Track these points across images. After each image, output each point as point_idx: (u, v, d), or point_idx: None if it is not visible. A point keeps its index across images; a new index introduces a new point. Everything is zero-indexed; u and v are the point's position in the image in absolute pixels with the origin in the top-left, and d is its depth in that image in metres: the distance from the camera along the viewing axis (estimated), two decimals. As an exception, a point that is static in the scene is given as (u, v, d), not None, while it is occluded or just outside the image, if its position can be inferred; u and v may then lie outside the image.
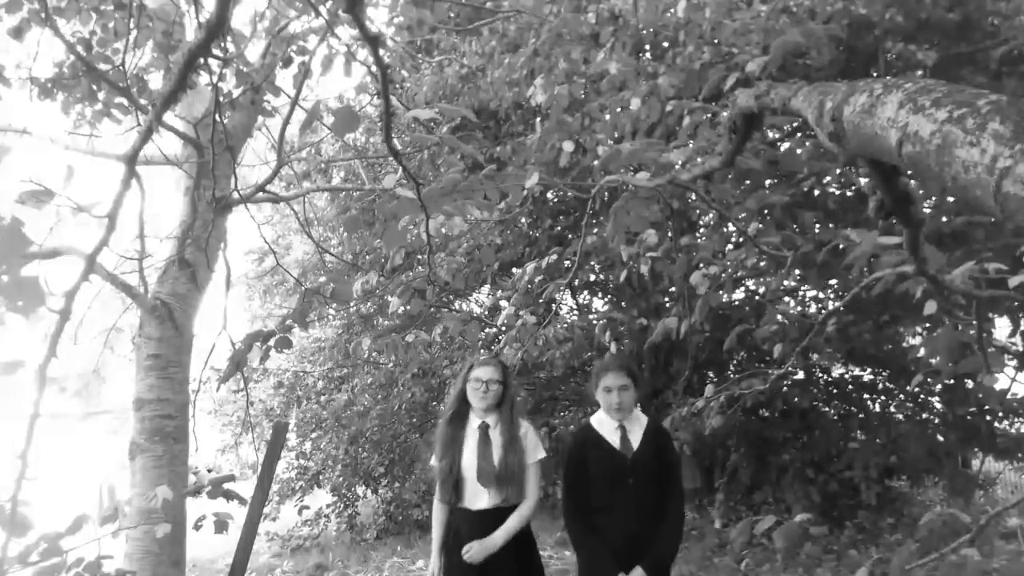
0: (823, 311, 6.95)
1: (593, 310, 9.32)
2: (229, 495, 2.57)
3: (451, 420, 3.14)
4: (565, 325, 7.63)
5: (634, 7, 3.70)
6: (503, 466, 2.98)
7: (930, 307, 2.67)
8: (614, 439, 3.00)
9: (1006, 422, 7.02)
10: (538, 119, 3.85)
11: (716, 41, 3.83)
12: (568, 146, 3.34)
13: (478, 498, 3.02)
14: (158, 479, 3.53)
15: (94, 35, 3.49)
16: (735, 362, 8.00)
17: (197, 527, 2.66)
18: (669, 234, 3.76)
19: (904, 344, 7.30)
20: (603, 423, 3.06)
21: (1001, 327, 6.44)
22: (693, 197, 4.98)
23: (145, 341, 3.77)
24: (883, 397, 7.76)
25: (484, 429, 3.09)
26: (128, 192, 2.03)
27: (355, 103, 7.42)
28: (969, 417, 6.86)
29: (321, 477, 9.87)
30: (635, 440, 2.99)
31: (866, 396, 7.80)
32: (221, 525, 2.56)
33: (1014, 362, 6.12)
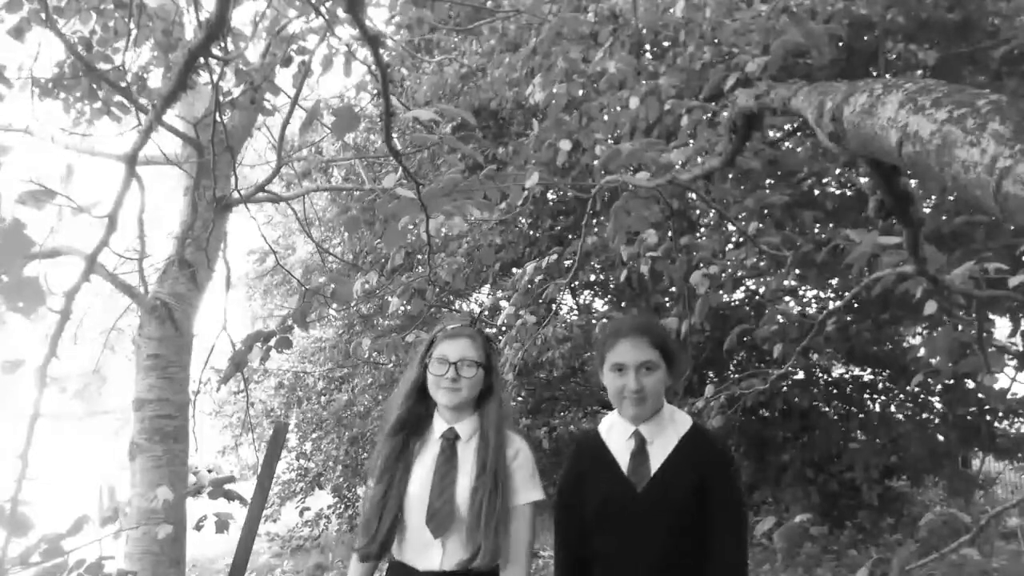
0: (823, 311, 6.96)
1: (593, 310, 9.32)
2: (230, 495, 2.57)
3: (400, 429, 2.01)
4: (565, 325, 7.64)
5: (633, 7, 3.70)
6: (473, 504, 1.85)
7: (930, 307, 2.67)
8: (622, 456, 1.89)
9: (1006, 422, 7.04)
10: (535, 119, 3.86)
11: (716, 41, 3.83)
12: (565, 145, 3.34)
13: (425, 554, 1.90)
14: (158, 479, 3.53)
15: (94, 34, 3.49)
16: (735, 362, 8.00)
17: (198, 527, 2.66)
18: (669, 234, 3.76)
19: (904, 344, 7.30)
20: (613, 429, 1.96)
21: (1001, 327, 6.44)
22: (693, 197, 4.98)
23: (145, 341, 3.77)
24: (883, 397, 7.77)
25: (450, 440, 1.96)
26: (128, 192, 2.03)
27: (355, 102, 7.42)
28: (969, 417, 6.87)
29: (322, 478, 9.87)
30: (656, 459, 1.86)
31: (866, 396, 7.81)
32: (222, 525, 2.56)
33: (1014, 362, 6.12)
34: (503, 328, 4.29)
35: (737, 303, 7.90)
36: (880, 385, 7.76)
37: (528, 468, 1.97)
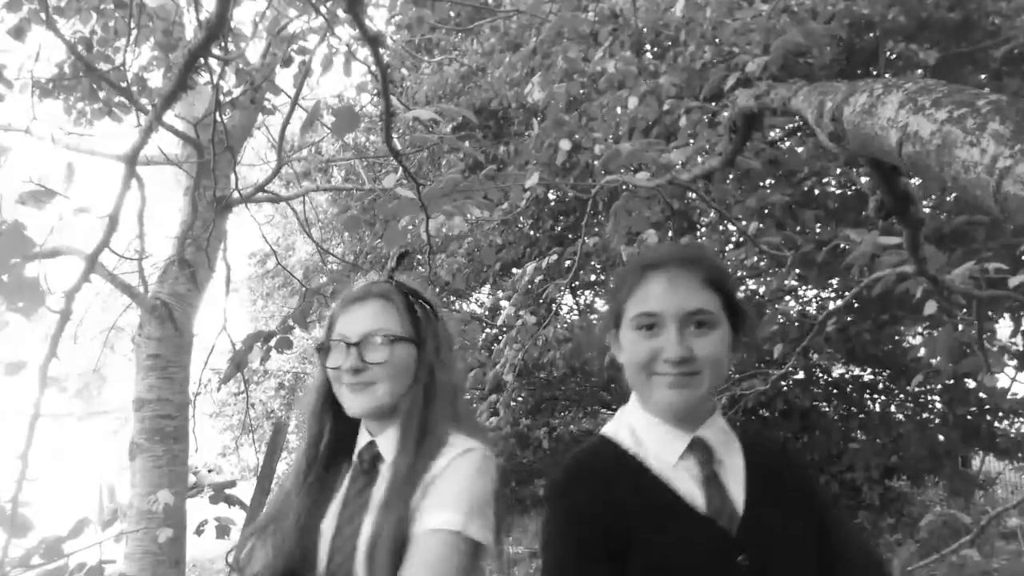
0: (823, 311, 6.96)
1: (594, 310, 9.32)
2: (231, 500, 2.57)
3: (311, 465, 1.30)
4: (565, 325, 7.65)
5: (633, 6, 3.70)
6: (371, 542, 1.13)
7: (930, 307, 2.67)
8: (684, 484, 1.09)
9: (1006, 422, 7.04)
10: (536, 119, 3.86)
11: (717, 40, 3.83)
12: (565, 144, 3.35)
13: None
14: (158, 479, 3.53)
15: (94, 34, 3.49)
16: (735, 362, 8.00)
17: (199, 532, 2.66)
18: (669, 234, 3.76)
19: (904, 344, 7.31)
20: (644, 437, 1.14)
21: (1003, 327, 6.44)
22: (693, 197, 4.98)
23: (145, 341, 3.77)
24: (883, 397, 7.78)
25: (367, 462, 1.26)
26: (128, 192, 2.03)
27: (355, 102, 7.43)
28: (969, 417, 6.87)
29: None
30: (734, 484, 1.11)
31: (866, 396, 7.82)
32: (223, 530, 2.56)
33: (1014, 362, 6.12)
34: (503, 328, 4.29)
35: (737, 303, 7.89)
36: (880, 385, 7.76)
37: (460, 480, 1.13)
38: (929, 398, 7.47)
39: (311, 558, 1.19)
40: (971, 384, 6.63)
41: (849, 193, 6.57)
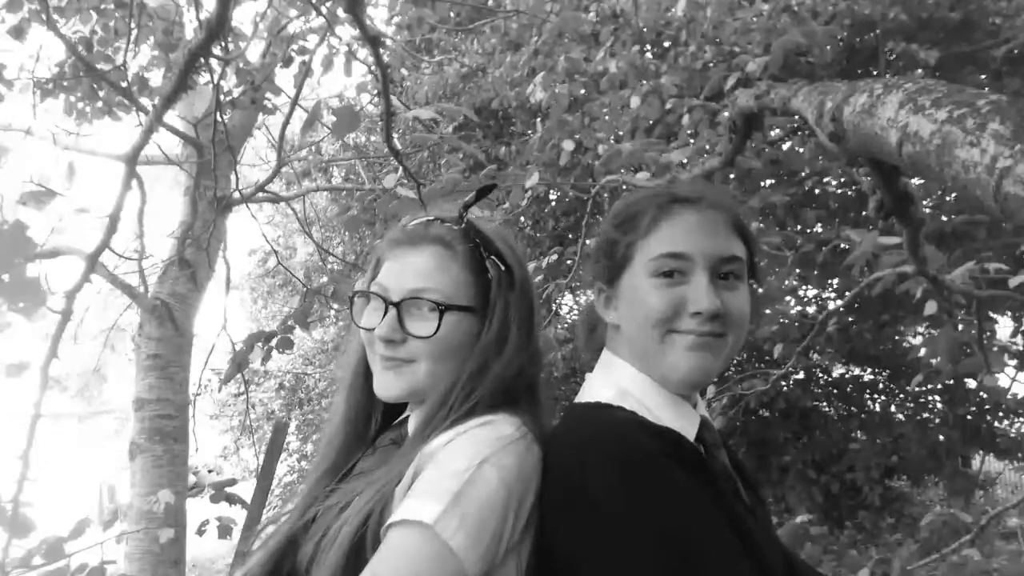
0: (823, 311, 6.97)
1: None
2: (231, 499, 2.57)
3: (345, 425, 1.07)
4: (565, 325, 7.64)
5: (634, 6, 3.70)
6: (332, 533, 0.84)
7: (930, 307, 2.67)
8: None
9: (1006, 422, 7.04)
10: (538, 119, 3.86)
11: (718, 40, 3.83)
12: (568, 145, 3.34)
13: None
14: (158, 479, 3.53)
15: (94, 34, 3.49)
16: (735, 362, 8.01)
17: (200, 532, 2.66)
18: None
19: (904, 344, 7.31)
20: (659, 409, 0.91)
21: (1004, 327, 6.44)
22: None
23: (145, 341, 3.77)
24: (883, 397, 7.78)
25: (393, 444, 0.99)
26: (128, 192, 2.03)
27: (355, 102, 7.42)
28: (969, 417, 6.87)
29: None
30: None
31: (866, 396, 7.82)
32: (224, 530, 2.56)
33: (1014, 362, 6.12)
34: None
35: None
36: (880, 385, 7.76)
37: (453, 462, 0.81)
38: (929, 398, 7.48)
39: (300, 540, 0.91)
40: (971, 384, 6.64)
41: (850, 193, 6.58)
